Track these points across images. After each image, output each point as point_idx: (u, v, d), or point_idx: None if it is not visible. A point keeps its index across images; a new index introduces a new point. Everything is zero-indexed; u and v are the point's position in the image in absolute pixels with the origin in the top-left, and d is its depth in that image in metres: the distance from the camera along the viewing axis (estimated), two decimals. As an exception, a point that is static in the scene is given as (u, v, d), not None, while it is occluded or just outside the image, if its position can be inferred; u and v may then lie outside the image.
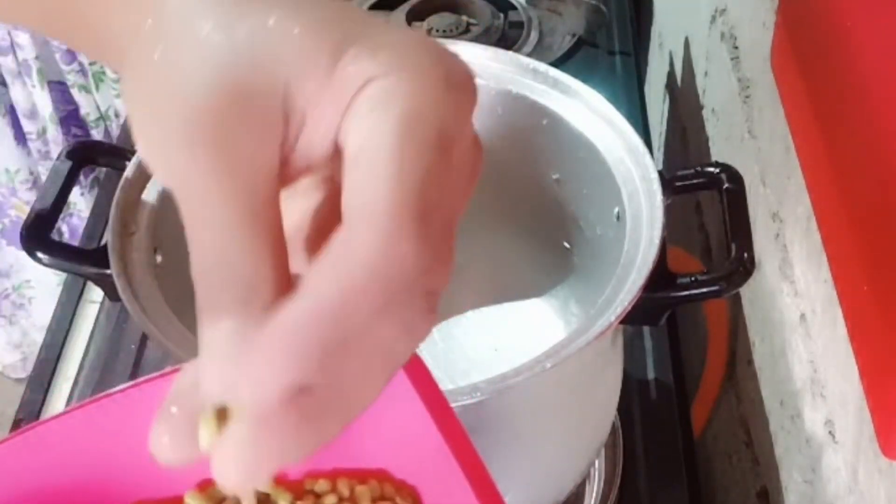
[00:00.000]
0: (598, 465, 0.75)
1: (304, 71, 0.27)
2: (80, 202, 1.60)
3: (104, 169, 0.72)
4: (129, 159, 0.63)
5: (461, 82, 0.28)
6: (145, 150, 0.28)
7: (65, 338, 0.88)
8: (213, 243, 0.27)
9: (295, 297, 0.25)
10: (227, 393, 0.26)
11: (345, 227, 0.26)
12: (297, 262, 0.29)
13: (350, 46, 0.27)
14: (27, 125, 1.51)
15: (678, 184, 0.65)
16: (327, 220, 0.30)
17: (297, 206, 0.31)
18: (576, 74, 0.67)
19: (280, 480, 0.37)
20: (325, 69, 0.27)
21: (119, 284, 0.56)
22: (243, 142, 0.27)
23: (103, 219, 0.68)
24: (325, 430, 0.26)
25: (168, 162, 0.27)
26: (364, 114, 0.27)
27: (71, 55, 1.47)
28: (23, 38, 1.41)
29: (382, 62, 0.27)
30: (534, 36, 1.11)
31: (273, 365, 0.25)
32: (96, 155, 0.69)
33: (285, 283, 0.27)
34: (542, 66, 0.67)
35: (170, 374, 0.37)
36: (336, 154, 0.28)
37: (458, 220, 0.28)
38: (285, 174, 0.29)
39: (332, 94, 0.27)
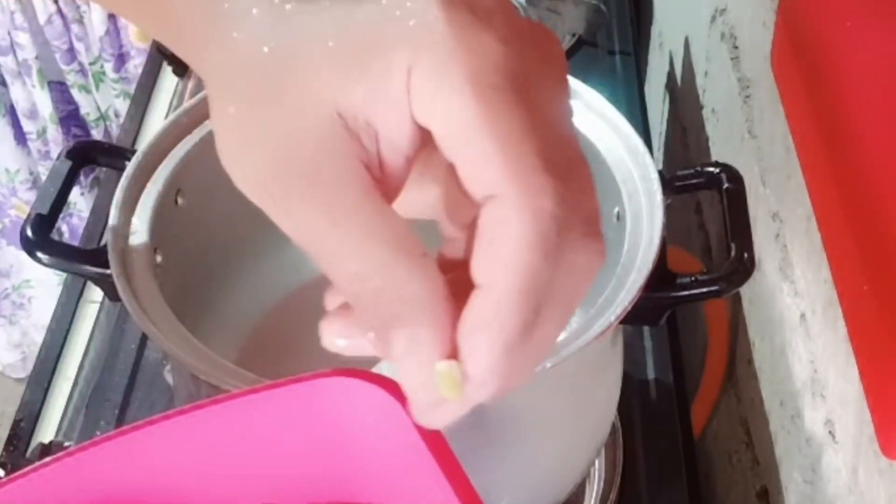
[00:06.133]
0: (598, 465, 0.75)
1: (345, 84, 0.28)
2: (80, 202, 1.60)
3: (104, 169, 0.72)
4: (129, 159, 0.63)
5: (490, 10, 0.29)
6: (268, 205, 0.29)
7: (65, 338, 0.88)
8: (366, 269, 0.28)
9: (479, 292, 0.28)
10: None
11: (486, 211, 0.28)
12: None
13: (380, 41, 0.28)
14: (27, 125, 1.50)
15: (678, 184, 0.65)
16: (453, 199, 0.31)
17: (417, 197, 0.32)
18: (576, 74, 0.66)
19: None
20: (370, 74, 0.28)
21: (119, 284, 0.56)
22: (334, 170, 0.28)
23: (103, 219, 0.68)
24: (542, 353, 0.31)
25: (290, 214, 0.28)
26: (430, 94, 0.28)
27: (71, 55, 1.46)
28: (23, 38, 1.41)
29: (419, 43, 0.28)
30: (534, 36, 1.10)
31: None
32: (96, 155, 0.69)
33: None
34: (542, 66, 0.67)
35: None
36: (423, 132, 0.29)
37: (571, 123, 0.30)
38: (393, 177, 0.29)
39: (385, 91, 0.28)
